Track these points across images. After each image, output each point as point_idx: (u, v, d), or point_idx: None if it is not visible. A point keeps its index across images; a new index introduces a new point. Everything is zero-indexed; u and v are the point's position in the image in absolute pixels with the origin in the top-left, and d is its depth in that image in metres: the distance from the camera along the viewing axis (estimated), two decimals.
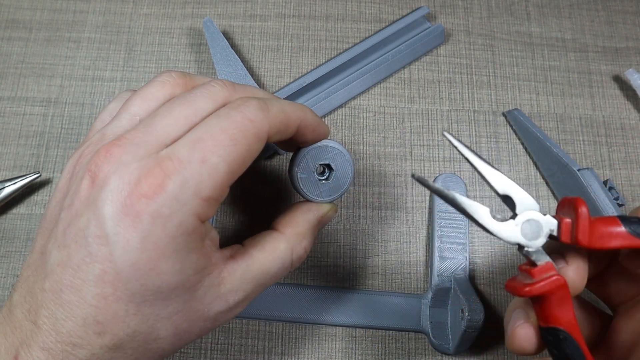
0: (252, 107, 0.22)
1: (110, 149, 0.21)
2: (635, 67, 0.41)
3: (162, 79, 0.24)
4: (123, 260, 0.19)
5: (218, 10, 0.42)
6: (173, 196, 0.20)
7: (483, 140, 0.39)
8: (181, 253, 0.20)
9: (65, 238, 0.20)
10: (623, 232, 0.20)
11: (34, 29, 0.41)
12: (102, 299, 0.20)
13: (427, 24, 0.41)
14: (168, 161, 0.20)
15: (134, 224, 0.19)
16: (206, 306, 0.22)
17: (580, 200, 0.21)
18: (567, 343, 0.21)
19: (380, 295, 0.35)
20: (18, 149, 0.38)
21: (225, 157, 0.21)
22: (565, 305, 0.21)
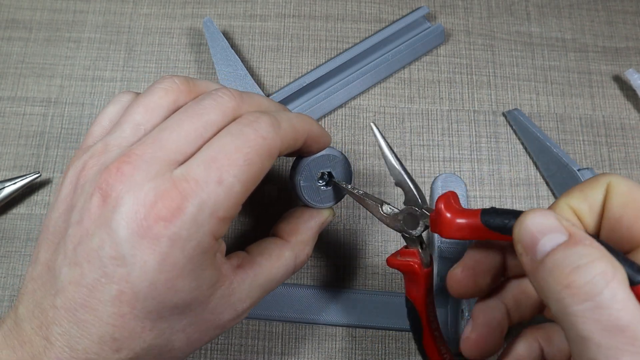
0: (265, 124, 0.22)
1: (121, 166, 0.20)
2: (635, 67, 0.41)
3: (164, 86, 0.23)
4: (141, 281, 0.19)
5: (218, 10, 0.42)
6: (192, 218, 0.20)
7: (483, 140, 0.39)
8: (197, 271, 0.21)
9: (76, 256, 0.20)
10: (479, 225, 0.23)
11: (34, 29, 0.41)
12: (119, 317, 0.20)
13: (427, 24, 0.41)
14: (184, 182, 0.20)
15: (151, 247, 0.19)
16: (217, 316, 0.23)
17: (442, 195, 0.24)
18: (412, 313, 0.27)
19: (380, 295, 0.35)
20: (18, 149, 0.38)
21: (240, 176, 0.21)
22: (417, 285, 0.26)
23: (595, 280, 0.17)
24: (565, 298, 0.18)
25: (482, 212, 0.23)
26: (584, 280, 0.18)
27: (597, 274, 0.18)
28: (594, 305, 0.17)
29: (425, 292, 0.26)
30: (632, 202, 0.21)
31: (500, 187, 0.38)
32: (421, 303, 0.26)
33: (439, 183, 0.36)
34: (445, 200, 0.24)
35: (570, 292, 0.18)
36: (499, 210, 0.22)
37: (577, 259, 0.18)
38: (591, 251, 0.18)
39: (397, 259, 0.26)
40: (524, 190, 0.38)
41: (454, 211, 0.24)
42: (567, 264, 0.18)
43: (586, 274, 0.18)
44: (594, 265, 0.18)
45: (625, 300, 0.17)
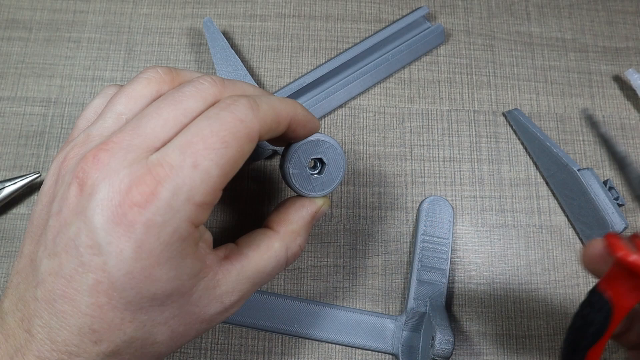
0: (242, 106, 0.21)
1: (97, 154, 0.20)
2: (635, 67, 0.41)
3: (147, 76, 0.23)
4: (117, 270, 0.19)
5: (218, 10, 0.42)
6: (166, 204, 0.19)
7: (483, 140, 0.39)
8: (176, 259, 0.20)
9: (55, 247, 0.20)
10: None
11: (34, 29, 0.41)
12: (97, 308, 0.20)
13: (427, 24, 0.41)
14: (159, 167, 0.19)
15: (127, 234, 0.19)
16: (202, 309, 0.22)
17: None
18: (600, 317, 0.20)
19: (356, 313, 0.34)
20: (18, 149, 0.38)
21: (217, 160, 0.20)
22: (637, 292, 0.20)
23: None
24: None
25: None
26: None
27: None
28: None
29: None
30: None
31: (500, 187, 0.38)
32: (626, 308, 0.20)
33: (425, 206, 0.36)
34: None
35: None
36: None
37: None
38: None
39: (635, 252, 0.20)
40: (524, 190, 0.38)
41: None
42: None
43: None
44: None
45: None
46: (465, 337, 0.35)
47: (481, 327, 0.35)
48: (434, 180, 0.38)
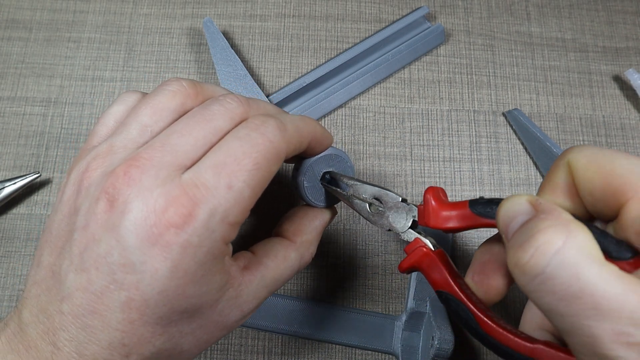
0: (272, 127, 0.22)
1: (128, 170, 0.20)
2: (635, 67, 0.41)
3: (172, 88, 0.23)
4: (152, 289, 0.19)
5: (218, 10, 0.42)
6: (203, 225, 0.20)
7: (483, 140, 0.39)
8: (208, 276, 0.21)
9: (83, 262, 0.20)
10: (468, 213, 0.23)
11: (34, 29, 0.41)
12: (129, 323, 0.20)
13: (427, 24, 0.41)
14: (195, 188, 0.20)
15: (163, 254, 0.19)
16: (225, 317, 0.23)
17: (429, 188, 0.25)
18: (451, 302, 0.23)
19: (356, 313, 0.34)
20: (18, 149, 0.38)
21: (249, 181, 0.21)
22: (438, 270, 0.24)
23: (539, 252, 0.17)
24: (518, 278, 0.18)
25: (470, 201, 0.23)
26: (528, 255, 0.17)
27: (540, 245, 0.17)
28: (544, 278, 0.17)
29: (451, 272, 0.24)
30: (596, 172, 0.20)
31: (500, 187, 0.38)
32: (452, 285, 0.24)
33: None
34: (433, 192, 0.24)
35: (520, 270, 0.18)
36: (487, 199, 0.23)
37: (525, 234, 0.18)
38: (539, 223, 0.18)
39: (406, 259, 0.25)
40: (524, 190, 0.38)
41: (443, 202, 0.24)
42: (518, 242, 0.18)
43: (529, 248, 0.17)
44: (537, 237, 0.17)
45: (577, 265, 0.16)
46: (465, 337, 0.35)
47: None
48: (434, 180, 0.38)
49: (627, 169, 0.19)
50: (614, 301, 0.16)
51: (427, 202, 0.24)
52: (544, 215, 0.18)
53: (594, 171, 0.20)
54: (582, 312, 0.16)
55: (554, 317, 0.17)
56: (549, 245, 0.17)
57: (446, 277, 0.23)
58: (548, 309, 0.17)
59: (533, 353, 0.20)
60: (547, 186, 0.22)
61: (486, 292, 0.23)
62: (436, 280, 0.24)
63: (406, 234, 0.26)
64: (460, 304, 0.23)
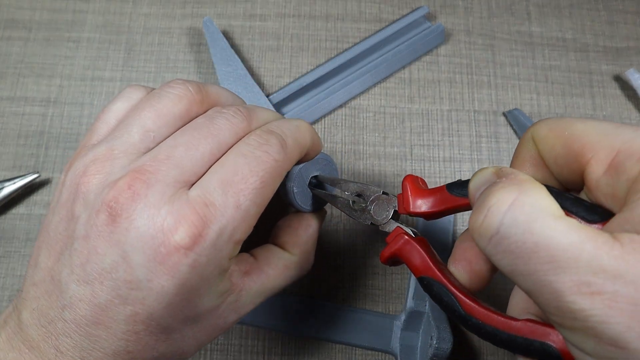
0: (275, 146, 0.22)
1: (133, 183, 0.19)
2: (635, 67, 0.41)
3: (178, 92, 0.22)
4: (157, 304, 0.20)
5: (218, 10, 0.42)
6: (211, 244, 0.20)
7: (483, 140, 0.39)
8: (212, 288, 0.21)
9: (86, 275, 0.20)
10: (447, 196, 0.23)
11: (34, 28, 0.41)
12: (134, 334, 0.20)
13: (427, 24, 0.41)
14: (204, 207, 0.20)
15: (170, 273, 0.19)
16: (224, 320, 0.23)
17: (407, 176, 0.25)
18: (433, 287, 0.23)
19: (355, 312, 0.34)
20: (17, 149, 0.38)
21: (255, 199, 0.21)
22: (419, 256, 0.23)
23: (491, 212, 0.17)
24: (477, 241, 0.18)
25: (447, 184, 0.23)
26: (482, 216, 0.17)
27: (492, 205, 0.17)
28: (499, 238, 0.17)
29: (431, 257, 0.23)
30: (556, 139, 0.20)
31: None
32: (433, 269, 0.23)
33: None
34: (410, 179, 0.25)
35: (477, 233, 0.17)
36: (463, 180, 0.23)
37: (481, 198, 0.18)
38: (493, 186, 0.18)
39: (386, 248, 0.25)
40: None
41: (420, 188, 0.24)
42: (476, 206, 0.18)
43: (483, 209, 0.17)
44: (489, 198, 0.17)
45: (530, 220, 0.16)
46: (465, 337, 0.35)
47: None
48: (434, 180, 0.38)
49: (583, 131, 0.19)
50: (570, 252, 0.15)
51: (404, 190, 0.24)
52: (499, 180, 0.18)
53: (554, 139, 0.20)
54: (540, 268, 0.16)
55: (517, 278, 0.17)
56: (500, 203, 0.17)
57: (427, 262, 0.23)
58: (510, 270, 0.17)
59: (517, 330, 0.20)
60: (515, 162, 0.22)
61: (469, 278, 0.23)
62: (417, 266, 0.24)
63: (387, 224, 0.26)
64: (442, 287, 0.22)
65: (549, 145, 0.20)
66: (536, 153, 0.21)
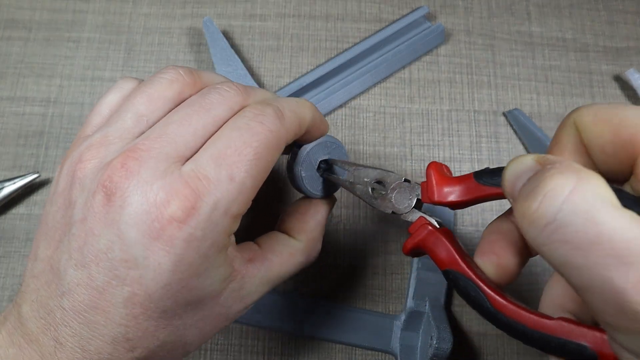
0: (271, 117, 0.21)
1: (126, 162, 0.19)
2: (635, 67, 0.41)
3: (169, 76, 0.22)
4: (155, 283, 0.19)
5: (218, 10, 0.42)
6: (206, 218, 0.19)
7: (483, 140, 0.39)
8: (211, 269, 0.20)
9: (83, 258, 0.19)
10: (475, 185, 0.22)
11: (34, 28, 0.41)
12: (132, 318, 0.19)
13: (427, 24, 0.41)
14: (197, 180, 0.19)
15: (166, 248, 0.19)
16: (227, 309, 0.22)
17: (431, 163, 0.24)
18: (458, 280, 0.22)
19: (355, 312, 0.34)
20: (17, 149, 0.38)
21: (251, 172, 0.20)
22: (444, 248, 0.22)
23: (548, 198, 0.16)
24: (527, 230, 0.16)
25: (474, 172, 0.22)
26: (537, 203, 0.16)
27: (548, 191, 0.16)
28: (555, 226, 0.15)
29: (457, 249, 0.22)
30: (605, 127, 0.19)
31: None
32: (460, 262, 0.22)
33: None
34: (435, 166, 0.23)
35: (528, 221, 0.16)
36: (492, 168, 0.22)
37: (531, 184, 0.17)
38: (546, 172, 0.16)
39: (410, 239, 0.24)
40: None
41: (446, 176, 0.23)
42: (524, 195, 0.17)
43: (537, 195, 0.16)
44: (544, 184, 0.16)
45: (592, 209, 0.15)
46: (465, 337, 0.35)
47: (481, 327, 0.35)
48: None
49: (636, 118, 0.18)
50: (636, 246, 0.14)
51: (429, 177, 0.23)
52: (550, 166, 0.17)
53: (602, 126, 0.19)
54: (601, 262, 0.14)
55: (570, 271, 0.16)
56: (559, 189, 0.15)
57: (453, 255, 0.22)
58: (562, 262, 0.16)
59: (551, 329, 0.19)
60: (554, 148, 0.21)
61: (497, 272, 0.22)
62: (442, 258, 0.22)
63: (410, 214, 0.25)
64: (469, 281, 0.21)
65: (595, 133, 0.19)
66: (578, 140, 0.20)
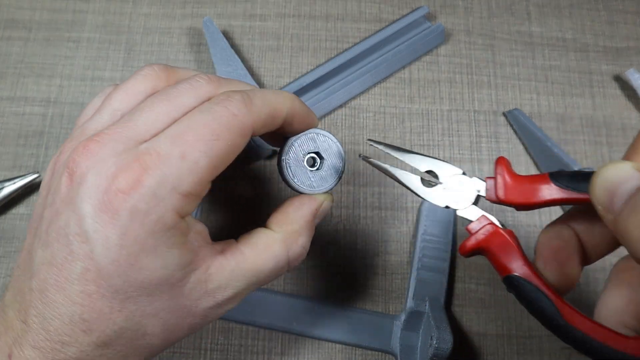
0: (236, 101, 0.21)
1: (88, 144, 0.20)
2: (635, 66, 0.41)
3: (144, 73, 0.24)
4: (104, 257, 0.19)
5: (218, 10, 0.42)
6: (151, 192, 0.19)
7: (483, 140, 0.39)
8: (161, 248, 0.20)
9: (48, 237, 0.20)
10: (551, 187, 0.21)
11: (34, 28, 0.41)
12: (86, 296, 0.20)
13: (427, 24, 0.41)
14: (147, 155, 0.20)
15: (112, 221, 0.19)
16: (193, 302, 0.22)
17: (500, 158, 0.22)
18: (525, 288, 0.21)
19: (355, 312, 0.34)
20: (17, 149, 0.38)
21: (207, 152, 0.20)
22: (510, 251, 0.21)
23: None
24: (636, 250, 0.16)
25: (550, 174, 0.21)
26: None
27: None
28: None
29: (524, 255, 0.21)
30: None
31: None
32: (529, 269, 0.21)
33: (426, 205, 0.36)
34: (505, 161, 0.22)
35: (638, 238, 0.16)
36: (569, 171, 0.21)
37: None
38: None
39: (470, 239, 0.22)
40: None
41: (517, 175, 0.22)
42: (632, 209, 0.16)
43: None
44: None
45: None
46: (465, 337, 0.35)
47: (481, 327, 0.35)
48: None
49: None
50: None
51: (500, 174, 0.22)
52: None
53: None
54: None
55: None
56: None
57: (521, 260, 0.21)
58: None
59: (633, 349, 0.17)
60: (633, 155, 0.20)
61: (559, 281, 0.21)
62: (506, 263, 0.21)
63: (467, 210, 0.23)
64: (538, 291, 0.20)
65: None
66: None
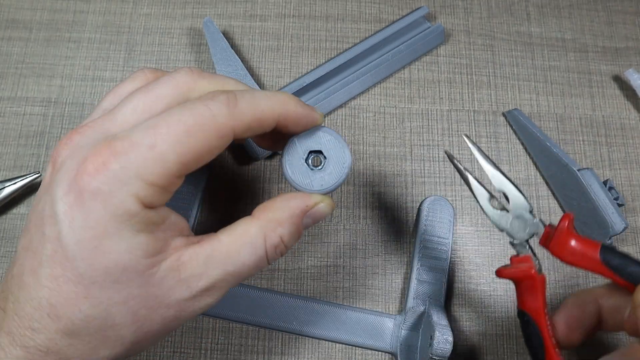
0: (218, 102, 0.21)
1: (71, 136, 0.22)
2: (635, 67, 0.41)
3: (134, 75, 0.25)
4: (69, 238, 0.20)
5: (218, 10, 0.42)
6: (114, 175, 0.20)
7: (483, 140, 0.39)
8: (125, 233, 0.20)
9: (29, 222, 0.21)
10: (595, 257, 0.23)
11: (34, 29, 0.41)
12: (53, 279, 0.20)
13: (427, 24, 0.41)
14: (118, 141, 0.20)
15: (77, 202, 0.20)
16: (165, 292, 0.21)
17: (566, 215, 0.24)
18: (530, 326, 0.24)
19: (355, 311, 0.34)
20: (18, 149, 0.38)
21: (176, 147, 0.20)
22: (534, 294, 0.24)
23: None
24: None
25: (602, 247, 0.23)
26: None
27: None
28: None
29: (543, 301, 0.25)
30: None
31: None
32: (540, 314, 0.25)
33: (427, 205, 0.36)
34: (569, 220, 0.24)
35: None
36: (621, 252, 0.23)
37: None
38: None
39: (509, 269, 0.25)
40: (524, 190, 0.38)
41: (574, 235, 0.24)
42: None
43: None
44: None
45: None
46: (465, 337, 0.35)
47: (481, 327, 0.35)
48: (434, 180, 0.38)
49: None
50: None
51: (561, 230, 0.24)
52: None
53: None
54: None
55: None
56: None
57: (539, 305, 0.24)
58: None
59: None
60: None
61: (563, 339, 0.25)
62: (527, 302, 0.24)
63: (520, 245, 0.26)
64: (539, 335, 0.24)
65: None
66: None
